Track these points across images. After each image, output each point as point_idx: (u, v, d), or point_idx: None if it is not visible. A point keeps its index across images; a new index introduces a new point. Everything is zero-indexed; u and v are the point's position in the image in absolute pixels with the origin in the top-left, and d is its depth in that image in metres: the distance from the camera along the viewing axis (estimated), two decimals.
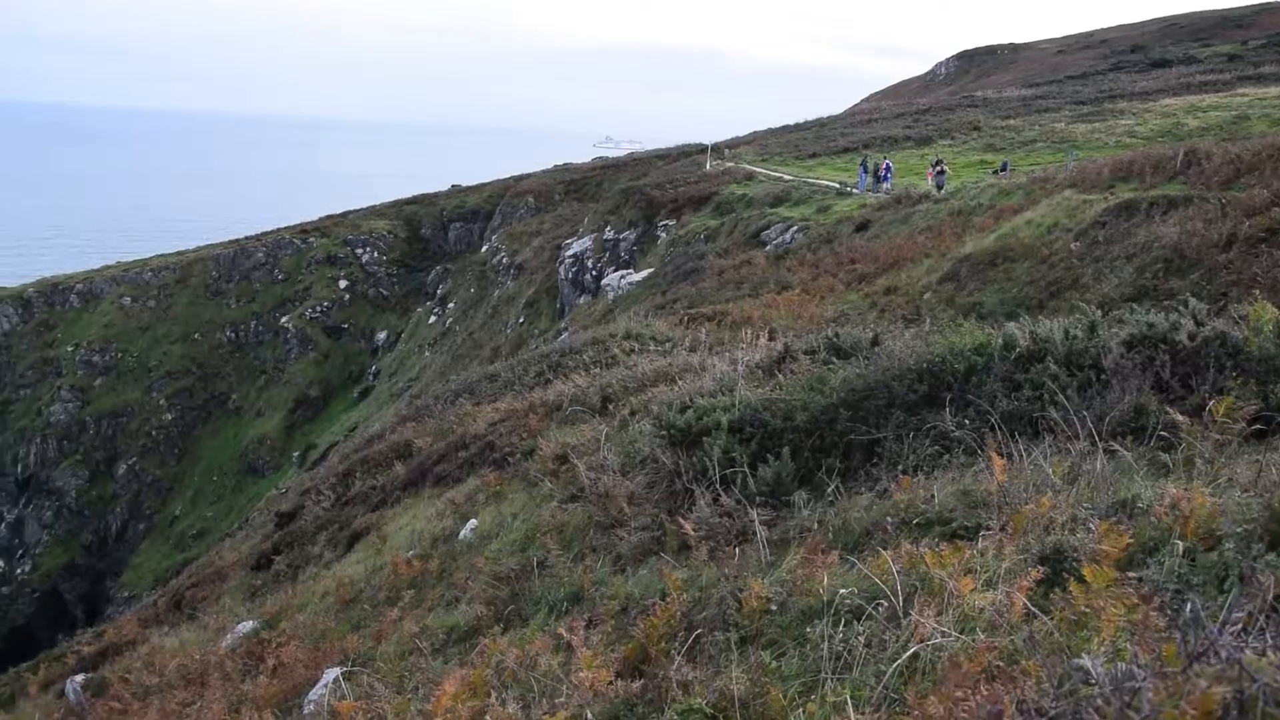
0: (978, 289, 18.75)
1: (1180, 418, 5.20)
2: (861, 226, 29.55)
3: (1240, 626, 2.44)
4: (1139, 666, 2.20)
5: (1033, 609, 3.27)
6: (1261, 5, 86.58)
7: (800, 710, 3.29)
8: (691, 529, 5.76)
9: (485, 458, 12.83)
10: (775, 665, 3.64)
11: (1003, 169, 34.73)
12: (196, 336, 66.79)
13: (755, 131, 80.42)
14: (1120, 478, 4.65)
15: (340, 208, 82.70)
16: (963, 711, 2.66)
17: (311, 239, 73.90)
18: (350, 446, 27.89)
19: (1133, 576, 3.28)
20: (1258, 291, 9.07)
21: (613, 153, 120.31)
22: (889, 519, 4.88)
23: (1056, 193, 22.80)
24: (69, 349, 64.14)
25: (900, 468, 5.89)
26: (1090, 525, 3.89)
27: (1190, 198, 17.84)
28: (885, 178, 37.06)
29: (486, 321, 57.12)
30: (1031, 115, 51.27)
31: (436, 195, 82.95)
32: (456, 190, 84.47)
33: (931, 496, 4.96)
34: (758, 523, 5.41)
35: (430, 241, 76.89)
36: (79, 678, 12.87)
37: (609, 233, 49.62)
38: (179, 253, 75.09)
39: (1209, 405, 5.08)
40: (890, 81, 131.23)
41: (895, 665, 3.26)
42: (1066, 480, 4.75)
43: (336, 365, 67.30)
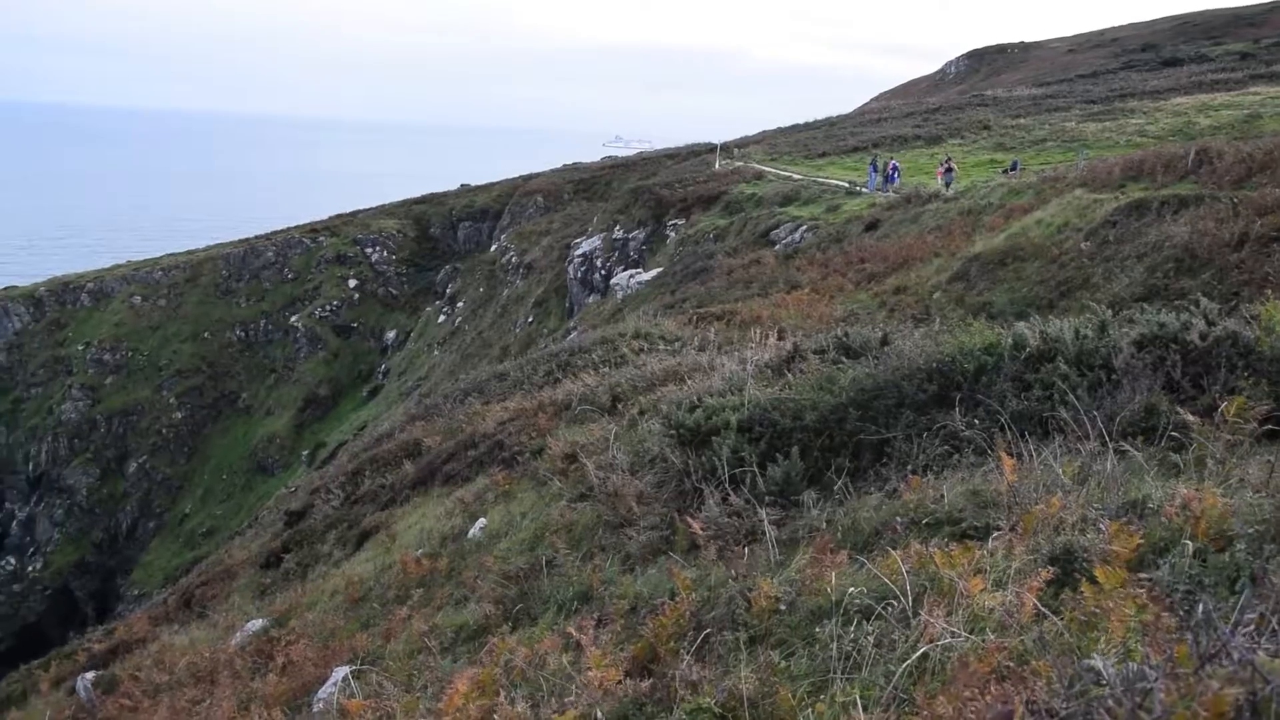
0: (987, 288, 18.70)
1: (1191, 418, 5.18)
2: (871, 226, 29.49)
3: (1253, 628, 2.43)
4: (1150, 667, 2.19)
5: (1043, 609, 3.26)
6: (1274, 3, 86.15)
7: (809, 710, 3.28)
8: (700, 528, 5.75)
9: (494, 457, 12.83)
10: (784, 665, 3.63)
11: (1013, 168, 34.63)
12: (206, 335, 67.06)
13: (764, 131, 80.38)
14: (1131, 478, 4.64)
15: (345, 207, 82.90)
16: (972, 712, 2.66)
17: (321, 238, 74.11)
18: (359, 445, 27.95)
19: (1144, 578, 3.27)
20: (1270, 291, 9.02)
21: (622, 152, 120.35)
22: (898, 519, 4.87)
23: (1067, 192, 22.73)
24: (80, 348, 64.45)
25: (910, 467, 5.88)
26: (1101, 526, 3.88)
27: (1202, 197, 17.77)
28: (892, 178, 36.99)
29: (495, 320, 57.20)
30: (1042, 114, 51.13)
31: (445, 195, 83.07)
32: (465, 190, 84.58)
33: (941, 496, 4.95)
34: (767, 522, 5.41)
35: (439, 241, 77.06)
36: (90, 675, 12.92)
37: (618, 232, 49.62)
38: (189, 252, 75.37)
39: (1220, 405, 5.06)
40: (900, 81, 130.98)
41: (905, 665, 3.25)
42: (1077, 480, 4.73)
43: (346, 364, 67.48)
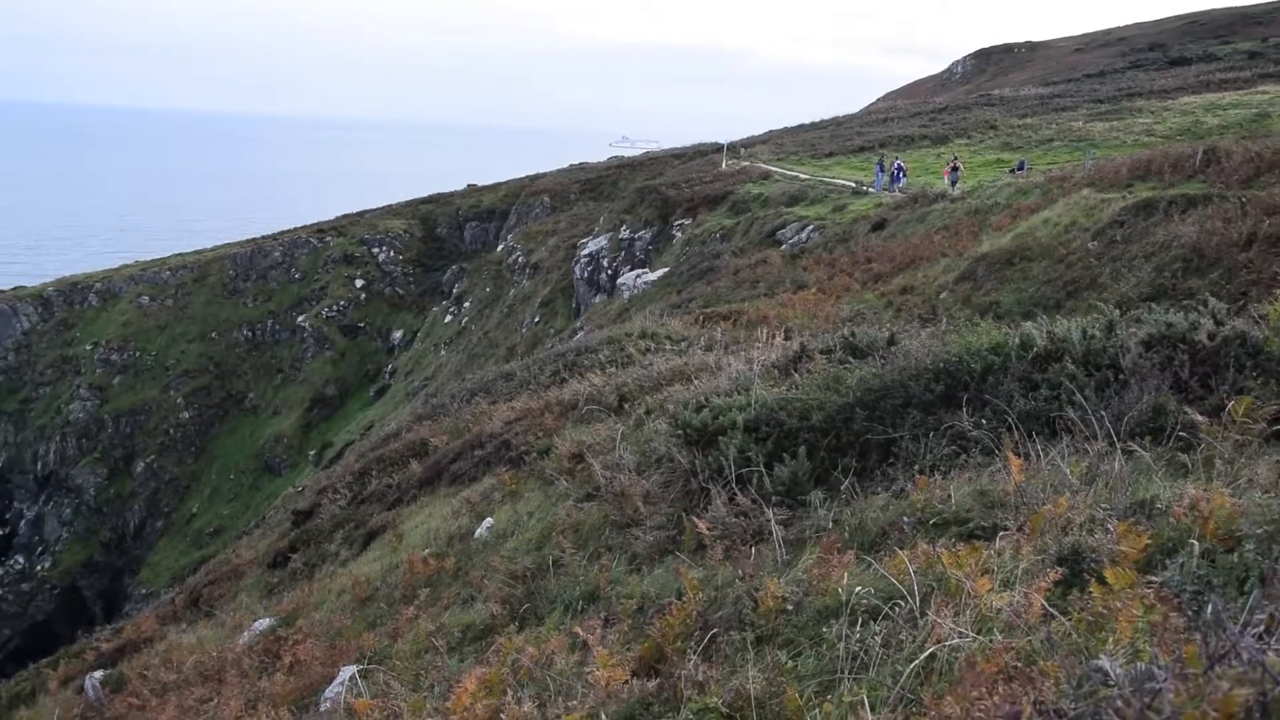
0: (994, 288, 18.67)
1: (1199, 418, 5.17)
2: (878, 226, 29.46)
3: (1262, 628, 2.43)
4: (1159, 668, 2.19)
5: (1050, 610, 3.25)
6: None
7: (817, 710, 3.28)
8: (707, 528, 5.75)
9: (501, 456, 12.83)
10: (791, 665, 3.63)
11: (1020, 168, 34.58)
12: (214, 335, 67.21)
13: (771, 130, 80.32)
14: (1139, 478, 4.63)
15: (352, 207, 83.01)
16: (980, 712, 2.65)
17: (328, 238, 74.23)
18: (366, 445, 27.98)
19: (1152, 578, 3.26)
20: (1278, 291, 9.00)
21: (629, 152, 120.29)
22: (905, 519, 4.86)
23: (1074, 192, 22.67)
24: (88, 347, 64.65)
25: (917, 467, 5.86)
26: (1108, 526, 3.87)
27: (1210, 196, 17.71)
28: (898, 178, 36.96)
29: (502, 320, 57.24)
30: (1049, 114, 51.02)
31: (452, 195, 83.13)
32: (472, 190, 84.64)
33: (948, 496, 4.94)
34: (773, 522, 5.40)
35: (446, 241, 77.13)
36: (98, 674, 12.95)
37: (624, 232, 49.62)
38: (196, 252, 75.53)
39: (1228, 405, 5.04)
40: (906, 80, 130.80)
41: (912, 665, 3.25)
42: (1084, 480, 4.72)
43: (353, 364, 67.59)
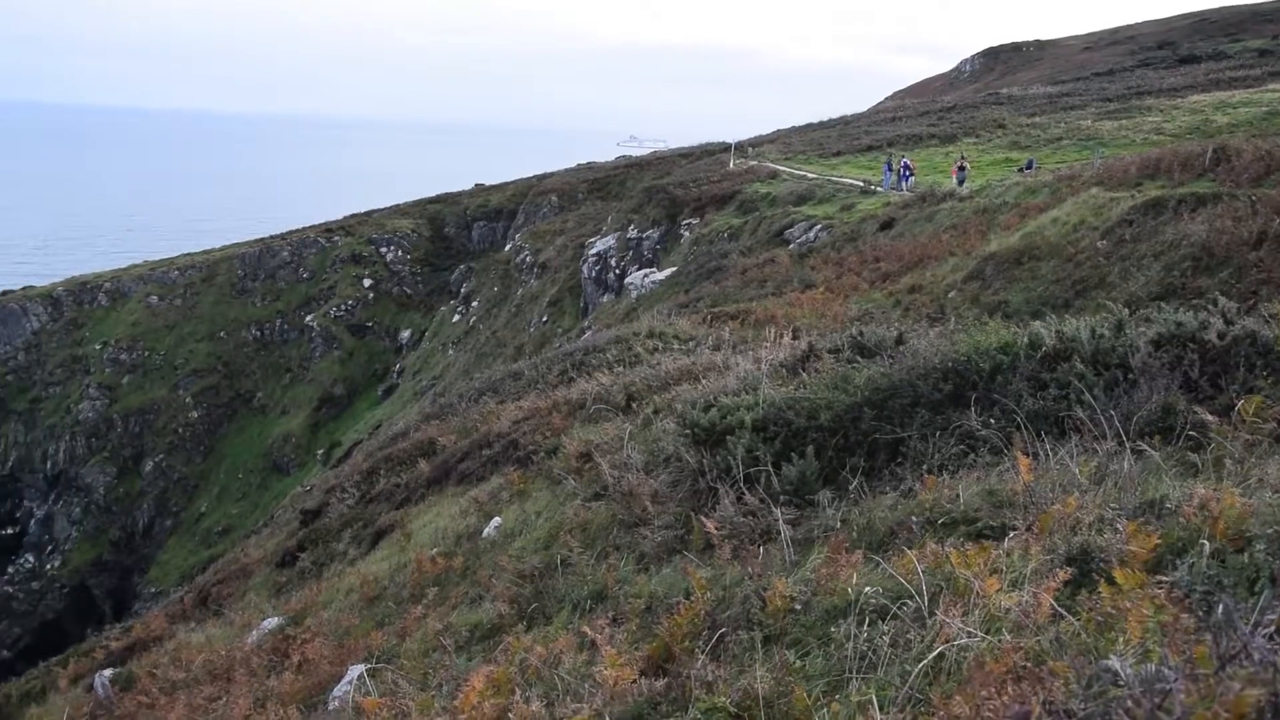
0: (1003, 287, 18.63)
1: (1209, 417, 5.15)
2: (886, 225, 29.41)
3: (1273, 629, 2.42)
4: (1169, 668, 2.18)
5: (1060, 610, 3.24)
6: None
7: (825, 710, 3.28)
8: (715, 528, 5.75)
9: (509, 456, 12.84)
10: (800, 664, 3.63)
11: (1028, 167, 34.48)
12: (222, 335, 67.39)
13: (779, 130, 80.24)
14: (1148, 478, 4.61)
15: (360, 207, 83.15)
16: (989, 711, 2.65)
17: (336, 238, 74.35)
18: (374, 444, 28.05)
19: (1162, 579, 3.25)
20: None
21: (636, 151, 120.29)
22: (914, 518, 4.85)
23: (1083, 190, 22.61)
24: (97, 347, 64.88)
25: (925, 467, 5.85)
26: (1118, 526, 3.86)
27: (1219, 195, 17.65)
28: (905, 177, 36.92)
29: (510, 320, 57.28)
30: (1057, 112, 50.87)
31: (460, 194, 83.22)
32: (480, 189, 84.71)
33: (957, 496, 4.93)
34: (782, 522, 5.40)
35: (454, 240, 77.21)
36: (107, 672, 13.00)
37: (632, 231, 49.61)
38: (205, 251, 75.75)
39: (1238, 405, 5.03)
40: (914, 79, 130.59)
41: (921, 665, 3.24)
42: (1093, 480, 4.71)
43: (361, 363, 67.71)
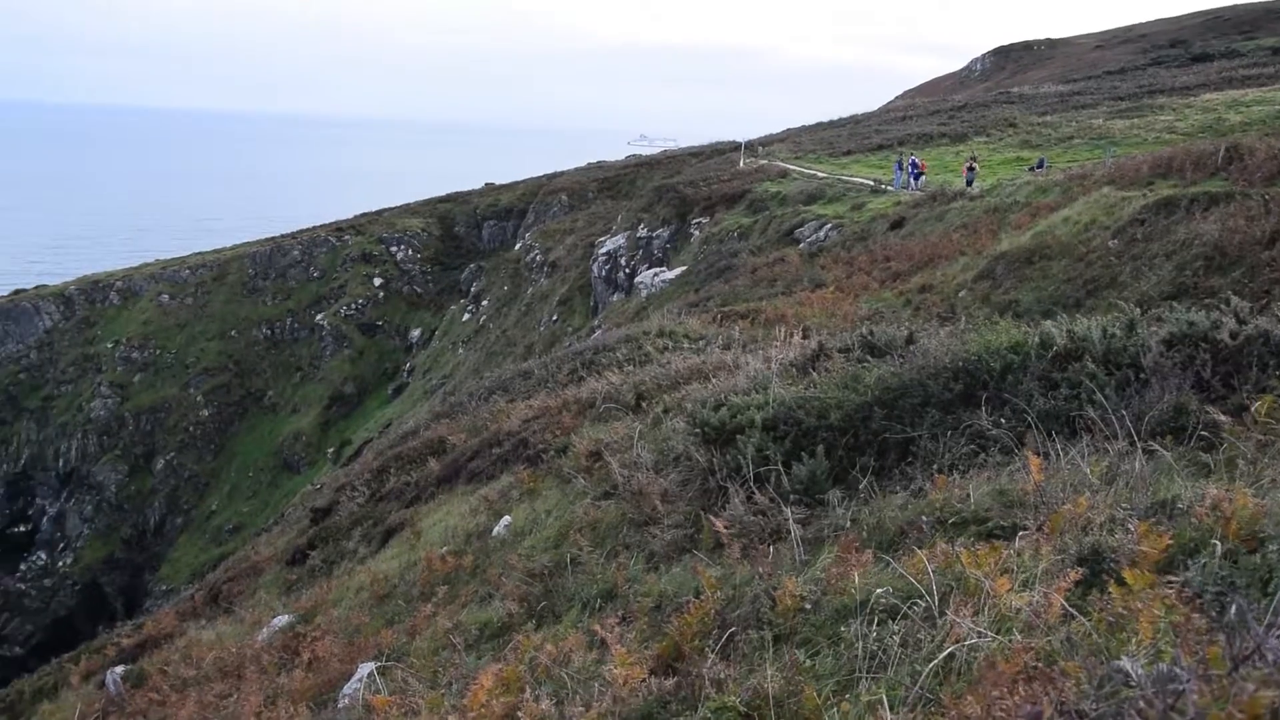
0: (1014, 287, 18.57)
1: (1222, 417, 5.13)
2: (896, 224, 29.36)
3: None
4: (1182, 668, 2.17)
5: (1070, 610, 3.23)
6: None
7: (835, 709, 3.28)
8: (724, 527, 5.74)
9: (519, 454, 12.86)
10: (809, 664, 3.63)
11: (1039, 166, 34.38)
12: (233, 333, 67.59)
13: (789, 129, 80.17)
14: (1160, 478, 4.59)
15: (370, 206, 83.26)
16: (1000, 712, 2.64)
17: (347, 237, 74.49)
18: (384, 443, 28.10)
19: (1173, 579, 3.24)
20: None
21: (646, 150, 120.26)
22: (924, 518, 4.84)
23: (1094, 190, 22.53)
24: (109, 345, 65.12)
25: (935, 466, 5.84)
26: (1129, 526, 3.85)
27: (1232, 194, 17.57)
28: (913, 175, 36.87)
29: (520, 319, 57.33)
30: (1069, 111, 50.71)
31: (470, 193, 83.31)
32: (490, 188, 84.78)
33: (967, 496, 4.92)
34: (792, 521, 5.39)
35: (464, 239, 77.30)
36: (119, 669, 13.06)
37: (642, 230, 49.60)
38: (216, 251, 75.94)
39: (1251, 405, 5.00)
40: (925, 78, 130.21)
41: (931, 665, 3.23)
42: (1105, 480, 4.69)
43: (371, 362, 67.82)
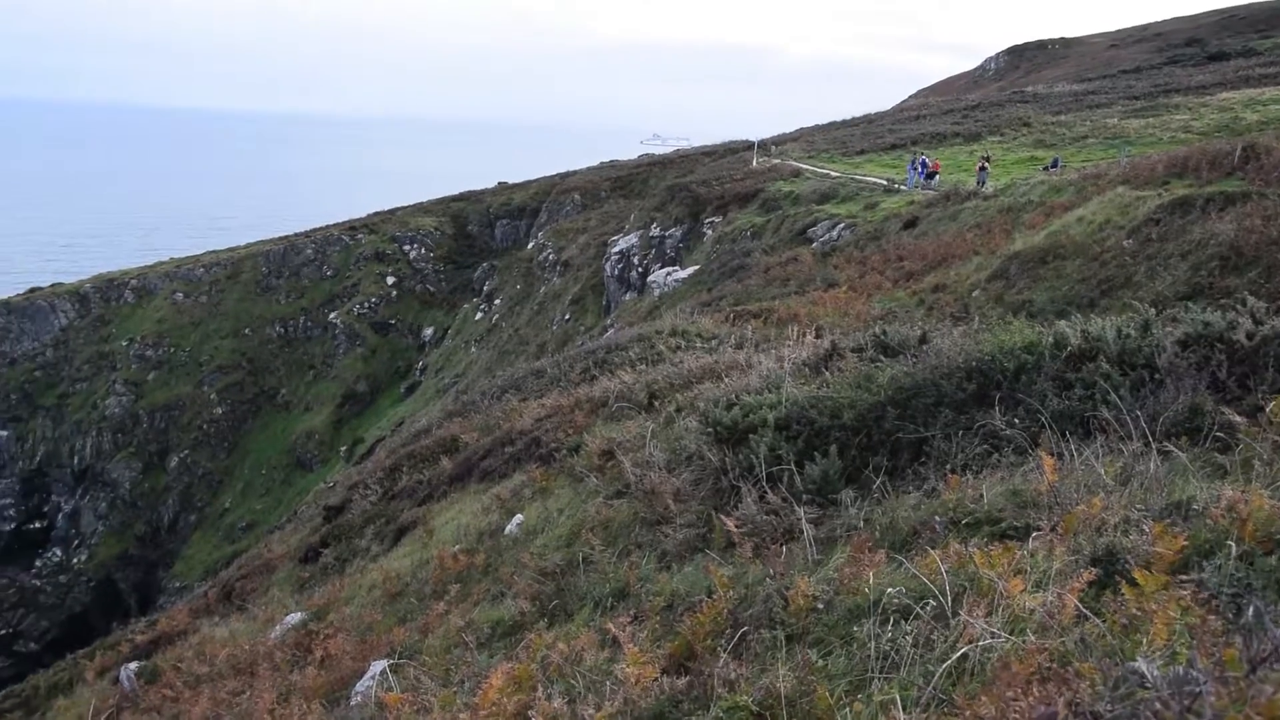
0: (1027, 287, 18.50)
1: (1237, 418, 5.10)
2: (909, 223, 29.29)
3: None
4: (1198, 670, 2.16)
5: (1084, 611, 3.22)
6: None
7: (847, 709, 3.27)
8: (737, 526, 5.74)
9: (531, 453, 12.87)
10: (822, 664, 3.62)
11: (1053, 165, 34.27)
12: (247, 332, 67.90)
13: (802, 128, 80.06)
14: (1175, 479, 4.57)
15: (384, 205, 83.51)
16: (1014, 712, 2.63)
17: (360, 235, 74.73)
18: (397, 441, 28.18)
19: (1188, 580, 3.22)
20: None
21: (659, 150, 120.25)
22: (937, 518, 4.83)
23: (1108, 189, 22.43)
24: (124, 343, 65.51)
25: (948, 466, 5.82)
26: (1144, 527, 3.83)
27: (1248, 194, 17.46)
28: (924, 174, 36.81)
29: (532, 318, 57.40)
30: (1083, 111, 50.49)
31: (483, 192, 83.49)
32: (503, 187, 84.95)
33: (980, 496, 4.90)
34: (804, 521, 5.39)
35: (477, 238, 77.46)
36: (132, 665, 13.13)
37: (655, 230, 49.59)
38: (230, 249, 76.27)
39: (1267, 406, 4.97)
40: (939, 77, 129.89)
41: (944, 666, 3.22)
42: (1119, 481, 4.67)
43: (384, 361, 68.03)
